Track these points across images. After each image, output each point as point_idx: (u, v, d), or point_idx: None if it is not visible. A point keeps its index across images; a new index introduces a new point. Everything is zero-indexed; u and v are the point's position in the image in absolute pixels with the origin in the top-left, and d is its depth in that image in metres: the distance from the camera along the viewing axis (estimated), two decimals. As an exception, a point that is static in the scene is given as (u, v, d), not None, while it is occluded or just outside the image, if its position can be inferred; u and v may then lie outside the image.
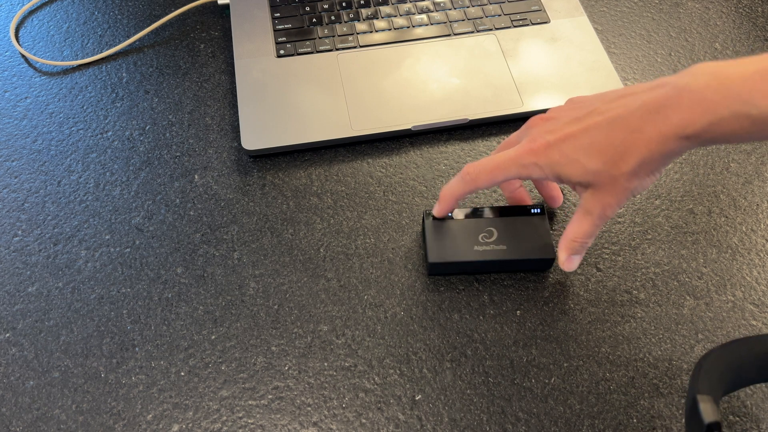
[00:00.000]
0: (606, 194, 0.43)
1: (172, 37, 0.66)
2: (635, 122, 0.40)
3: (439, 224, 0.50)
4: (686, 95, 0.38)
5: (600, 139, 0.42)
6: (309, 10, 0.65)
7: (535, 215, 0.50)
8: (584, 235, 0.45)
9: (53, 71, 0.63)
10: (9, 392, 0.46)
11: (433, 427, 0.44)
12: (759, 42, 0.65)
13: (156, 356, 0.47)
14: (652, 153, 0.40)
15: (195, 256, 0.52)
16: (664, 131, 0.39)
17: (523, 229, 0.50)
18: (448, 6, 0.65)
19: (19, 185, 0.56)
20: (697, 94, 0.38)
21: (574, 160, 0.43)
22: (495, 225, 0.50)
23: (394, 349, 0.47)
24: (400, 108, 0.58)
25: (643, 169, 0.41)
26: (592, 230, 0.45)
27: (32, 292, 0.50)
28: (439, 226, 0.50)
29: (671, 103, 0.39)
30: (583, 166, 0.42)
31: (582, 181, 0.43)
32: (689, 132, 0.38)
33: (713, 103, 0.37)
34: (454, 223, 0.50)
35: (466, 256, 0.49)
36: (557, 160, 0.43)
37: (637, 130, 0.40)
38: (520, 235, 0.49)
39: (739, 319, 0.49)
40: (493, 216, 0.50)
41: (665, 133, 0.39)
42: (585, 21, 0.64)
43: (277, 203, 0.55)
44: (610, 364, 0.47)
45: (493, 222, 0.50)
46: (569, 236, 0.46)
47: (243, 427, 0.45)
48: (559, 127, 0.44)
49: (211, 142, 0.58)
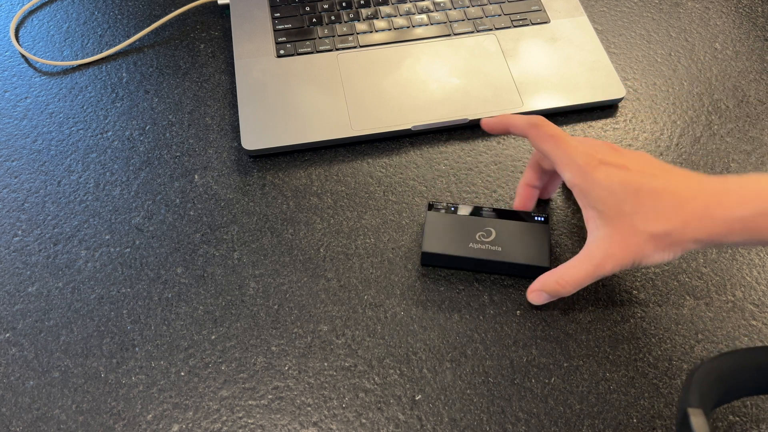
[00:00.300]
0: (616, 241, 0.41)
1: (172, 37, 0.66)
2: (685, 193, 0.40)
3: (440, 217, 0.50)
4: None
5: (650, 188, 0.41)
6: (309, 10, 0.65)
7: (538, 223, 0.50)
8: (572, 282, 0.44)
9: (53, 71, 0.63)
10: (9, 392, 0.46)
11: (433, 427, 0.44)
12: (759, 42, 0.65)
13: (156, 356, 0.47)
14: (687, 229, 0.40)
15: (195, 256, 0.52)
16: (715, 215, 0.39)
17: (523, 234, 0.49)
18: (448, 6, 0.65)
19: (19, 185, 0.56)
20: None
21: (613, 190, 0.41)
22: (495, 226, 0.50)
23: (394, 349, 0.47)
24: (400, 108, 0.58)
25: (668, 237, 0.40)
26: (582, 280, 0.44)
27: (32, 292, 0.50)
28: (439, 219, 0.50)
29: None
30: (617, 197, 0.41)
31: (605, 210, 0.42)
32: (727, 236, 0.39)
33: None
34: (455, 218, 0.50)
35: (460, 251, 0.49)
36: (601, 178, 0.42)
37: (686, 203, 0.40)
38: (518, 240, 0.49)
39: (739, 319, 0.49)
40: (495, 217, 0.50)
41: (715, 218, 0.39)
42: (585, 21, 0.64)
43: (277, 203, 0.55)
44: (610, 364, 0.47)
45: (493, 223, 0.50)
46: (556, 276, 0.45)
47: (243, 427, 0.45)
48: (629, 158, 0.43)
49: (211, 142, 0.58)
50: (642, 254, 0.41)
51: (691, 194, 0.40)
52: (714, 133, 0.59)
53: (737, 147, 0.58)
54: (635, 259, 0.42)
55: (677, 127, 0.59)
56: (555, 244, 0.52)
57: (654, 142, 0.58)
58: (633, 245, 0.41)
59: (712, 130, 0.59)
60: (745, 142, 0.58)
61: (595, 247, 0.42)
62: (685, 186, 0.40)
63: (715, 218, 0.39)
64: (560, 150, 0.44)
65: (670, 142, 0.58)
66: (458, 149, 0.58)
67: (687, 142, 0.58)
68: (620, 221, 0.41)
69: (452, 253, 0.49)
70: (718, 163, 0.57)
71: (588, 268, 0.43)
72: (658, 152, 0.57)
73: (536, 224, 0.50)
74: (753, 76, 0.62)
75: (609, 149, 0.44)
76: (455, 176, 0.56)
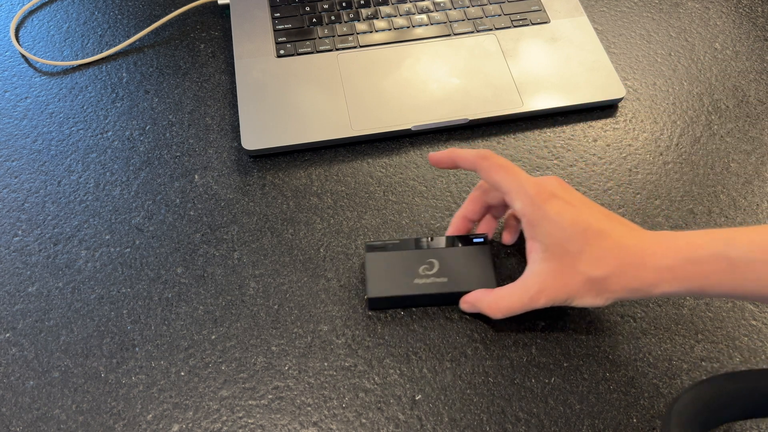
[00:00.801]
0: (553, 278, 0.42)
1: (172, 37, 0.66)
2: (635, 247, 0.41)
3: (381, 257, 0.48)
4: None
5: (597, 230, 0.41)
6: (309, 10, 0.65)
7: (478, 245, 0.49)
8: (504, 309, 0.44)
9: (53, 71, 0.63)
10: (9, 392, 0.46)
11: (433, 427, 0.44)
12: (759, 42, 0.65)
13: (156, 356, 0.47)
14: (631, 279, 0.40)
15: (195, 256, 0.52)
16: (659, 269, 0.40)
17: (465, 260, 0.48)
18: (448, 6, 0.65)
19: (19, 185, 0.56)
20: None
21: (563, 226, 0.42)
22: (436, 256, 0.48)
23: (394, 349, 0.47)
24: (400, 108, 0.58)
25: (603, 282, 0.41)
26: (514, 310, 0.44)
27: (32, 292, 0.50)
28: (380, 259, 0.48)
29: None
30: (565, 233, 0.41)
31: (550, 245, 0.42)
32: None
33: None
34: (396, 255, 0.49)
35: (406, 290, 0.47)
36: (552, 212, 0.42)
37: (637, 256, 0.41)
38: (462, 267, 0.48)
39: (739, 319, 0.49)
40: (435, 247, 0.49)
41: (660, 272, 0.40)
42: (585, 21, 0.64)
43: (277, 203, 0.55)
44: (610, 364, 0.47)
45: (434, 253, 0.49)
46: (490, 300, 0.45)
47: (243, 427, 0.45)
48: (575, 196, 0.43)
49: (211, 142, 0.58)
50: (575, 294, 0.42)
51: (632, 242, 0.41)
52: (714, 133, 0.59)
53: (737, 147, 0.58)
54: (568, 298, 0.42)
55: (677, 127, 0.59)
56: (497, 262, 0.51)
57: (654, 142, 0.58)
58: (569, 284, 0.42)
59: (712, 130, 0.59)
60: (745, 142, 0.58)
61: (533, 281, 0.43)
62: (627, 233, 0.41)
63: (647, 267, 0.40)
64: (510, 179, 0.44)
65: (670, 142, 0.58)
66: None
67: (687, 142, 0.58)
68: (563, 259, 0.42)
69: (399, 294, 0.47)
70: (718, 163, 0.57)
71: (523, 299, 0.43)
72: (658, 152, 0.58)
73: (477, 246, 0.49)
74: (753, 76, 0.62)
75: (558, 184, 0.44)
76: (455, 176, 0.56)
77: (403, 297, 0.47)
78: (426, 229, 0.53)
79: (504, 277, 0.51)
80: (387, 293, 0.47)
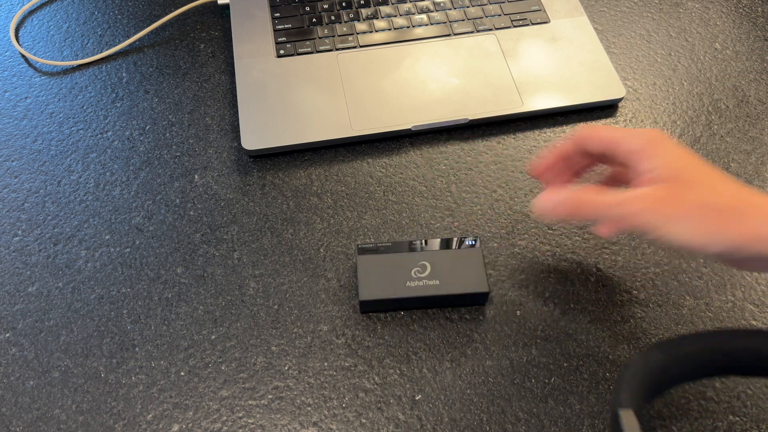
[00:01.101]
0: (661, 191, 0.39)
1: (172, 37, 0.66)
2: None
3: (372, 259, 0.48)
4: None
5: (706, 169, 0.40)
6: (309, 10, 0.65)
7: (470, 247, 0.49)
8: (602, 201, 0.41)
9: (53, 71, 0.63)
10: (9, 392, 0.46)
11: (433, 427, 0.44)
12: (759, 42, 0.65)
13: (156, 356, 0.47)
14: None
15: (195, 256, 0.52)
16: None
17: (457, 262, 0.48)
18: (448, 6, 0.65)
19: (19, 185, 0.56)
20: None
21: (679, 150, 0.40)
22: (428, 259, 0.48)
23: (394, 349, 0.47)
24: (400, 108, 0.58)
25: (718, 215, 0.38)
26: (605, 202, 0.40)
27: (32, 292, 0.50)
28: (372, 261, 0.48)
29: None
30: (682, 157, 0.40)
31: (661, 171, 0.39)
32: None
33: None
34: (387, 258, 0.48)
35: (398, 293, 0.47)
36: (668, 143, 0.40)
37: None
38: (454, 269, 0.48)
39: (739, 319, 0.49)
40: (428, 249, 0.49)
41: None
42: (585, 21, 0.64)
43: (277, 203, 0.55)
44: (610, 364, 0.47)
45: (426, 256, 0.49)
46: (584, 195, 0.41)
47: (243, 427, 0.45)
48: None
49: (211, 142, 0.58)
50: (673, 215, 0.39)
51: (744, 188, 0.39)
52: (714, 133, 0.59)
53: (737, 147, 0.58)
54: (663, 218, 0.39)
55: (677, 127, 0.59)
56: (489, 264, 0.51)
57: (654, 142, 0.58)
58: (672, 205, 0.39)
59: (712, 130, 0.59)
60: (745, 142, 0.58)
61: (634, 192, 0.40)
62: (736, 181, 0.40)
63: (762, 217, 0.38)
64: (619, 130, 0.42)
65: (670, 142, 0.58)
66: (458, 149, 0.58)
67: (687, 142, 0.58)
68: (672, 186, 0.39)
69: (391, 296, 0.47)
70: (718, 163, 0.57)
71: (618, 197, 0.40)
72: (658, 152, 0.58)
73: (468, 249, 0.49)
74: (753, 76, 0.62)
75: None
76: (455, 176, 0.56)
77: (394, 300, 0.47)
78: (426, 229, 0.53)
79: (496, 280, 0.51)
80: (379, 296, 0.47)
